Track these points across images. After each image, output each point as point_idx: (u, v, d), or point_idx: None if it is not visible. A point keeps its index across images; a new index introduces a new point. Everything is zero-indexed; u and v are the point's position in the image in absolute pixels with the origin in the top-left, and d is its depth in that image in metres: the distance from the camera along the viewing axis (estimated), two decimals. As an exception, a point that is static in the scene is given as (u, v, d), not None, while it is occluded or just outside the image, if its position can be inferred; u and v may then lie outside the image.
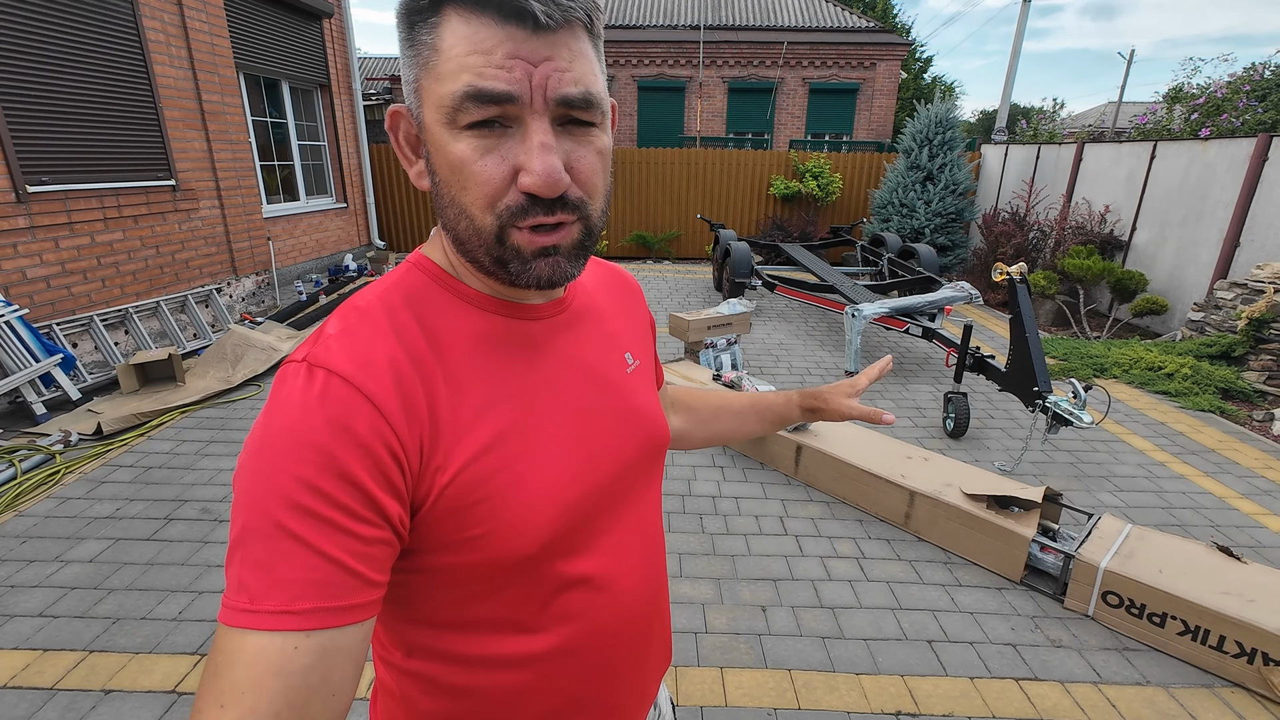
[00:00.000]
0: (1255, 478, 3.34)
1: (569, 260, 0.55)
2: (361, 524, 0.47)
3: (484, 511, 0.53)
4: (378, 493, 0.48)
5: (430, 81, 0.50)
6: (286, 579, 0.44)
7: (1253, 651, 1.95)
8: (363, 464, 0.47)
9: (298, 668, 0.43)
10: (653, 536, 0.72)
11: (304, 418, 0.47)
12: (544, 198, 0.50)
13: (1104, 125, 19.12)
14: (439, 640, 0.59)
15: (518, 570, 0.57)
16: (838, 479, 3.01)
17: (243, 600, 0.44)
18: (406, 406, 0.51)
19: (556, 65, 0.49)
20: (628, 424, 0.66)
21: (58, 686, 1.88)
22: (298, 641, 0.43)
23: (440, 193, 0.53)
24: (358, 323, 0.53)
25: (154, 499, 2.90)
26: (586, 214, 0.54)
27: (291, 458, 0.45)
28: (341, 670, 0.46)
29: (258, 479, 0.46)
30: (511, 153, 0.49)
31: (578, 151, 0.52)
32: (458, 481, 0.52)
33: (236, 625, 0.44)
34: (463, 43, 0.48)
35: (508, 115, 0.49)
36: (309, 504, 0.45)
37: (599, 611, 0.63)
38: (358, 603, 0.46)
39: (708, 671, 2.01)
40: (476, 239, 0.53)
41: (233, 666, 0.43)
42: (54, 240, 4.09)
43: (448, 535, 0.53)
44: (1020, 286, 3.45)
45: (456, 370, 0.55)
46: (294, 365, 0.50)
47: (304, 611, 0.44)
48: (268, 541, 0.44)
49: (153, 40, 4.78)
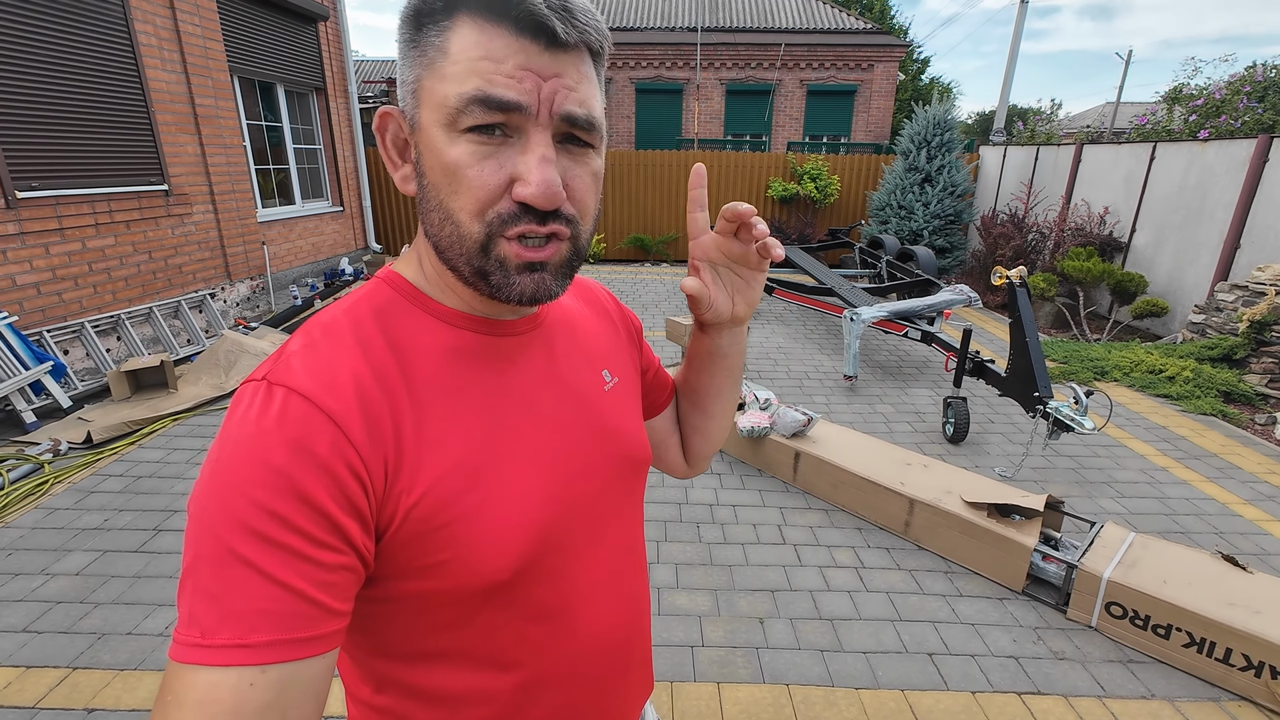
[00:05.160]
0: (1259, 483, 3.31)
1: (555, 278, 0.53)
2: (322, 550, 0.44)
3: (450, 535, 0.51)
4: (340, 516, 0.45)
5: (434, 82, 0.49)
6: (241, 610, 0.41)
7: (1260, 664, 1.91)
8: (324, 486, 0.44)
9: (253, 707, 0.40)
10: (632, 560, 0.69)
11: (260, 438, 0.44)
12: (539, 209, 0.49)
13: (1102, 126, 19.12)
14: (408, 674, 0.56)
15: (487, 597, 0.54)
16: (836, 486, 2.97)
17: (194, 634, 0.41)
18: (370, 425, 0.48)
19: (565, 83, 0.49)
20: (604, 442, 0.64)
21: (39, 705, 1.83)
22: (253, 678, 0.41)
23: (427, 196, 0.52)
24: (321, 338, 0.51)
25: (143, 509, 2.86)
26: (577, 233, 0.53)
27: (247, 480, 0.43)
28: (301, 708, 0.43)
29: (210, 503, 0.43)
30: (510, 161, 0.49)
31: (574, 170, 0.52)
32: (423, 503, 0.50)
33: (186, 661, 0.41)
34: (475, 48, 0.47)
35: (511, 124, 0.48)
36: (265, 529, 0.42)
37: (574, 640, 0.61)
38: (318, 634, 0.44)
39: (704, 687, 1.97)
40: (459, 247, 0.51)
41: (182, 707, 0.40)
42: (44, 246, 4.05)
43: (414, 560, 0.50)
44: (1020, 290, 3.42)
45: (424, 388, 0.53)
46: (252, 384, 0.48)
47: (260, 645, 0.41)
48: (221, 570, 0.42)
49: (145, 44, 4.74)
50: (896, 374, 4.91)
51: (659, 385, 0.82)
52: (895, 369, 5.04)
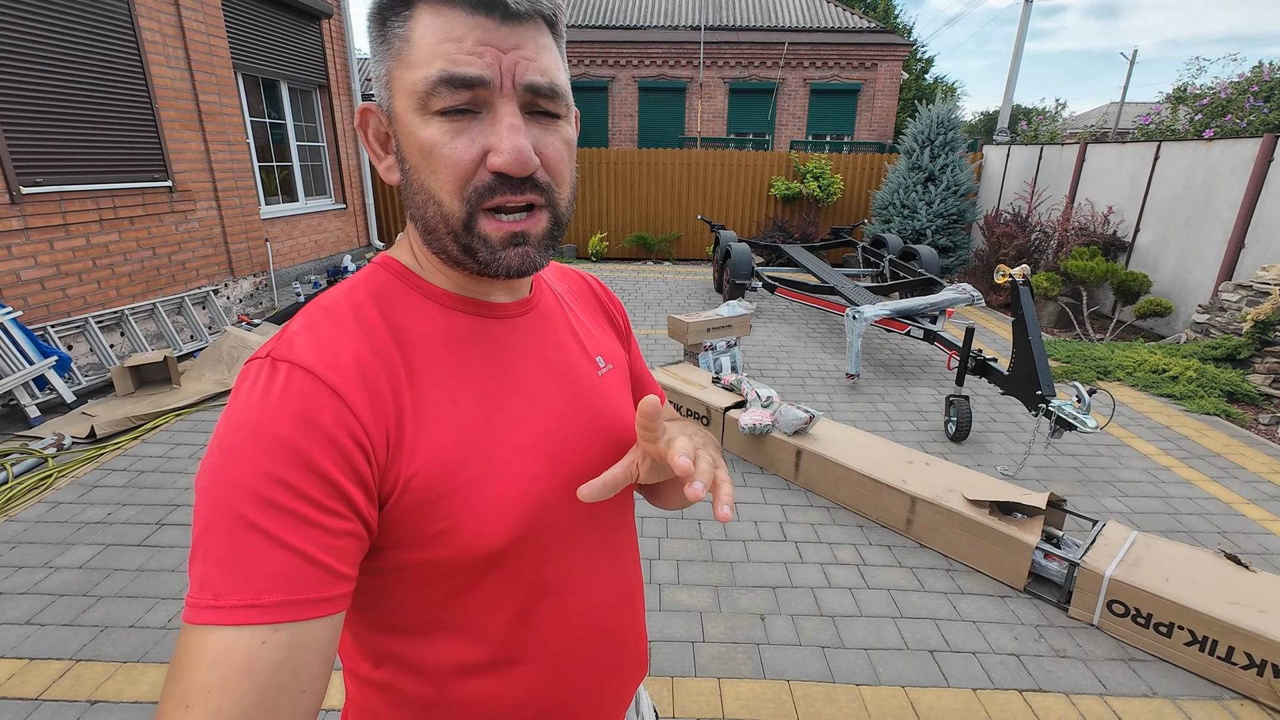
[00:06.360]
0: (1262, 483, 3.30)
1: (538, 250, 0.55)
2: (329, 515, 0.46)
3: (448, 506, 0.52)
4: (345, 484, 0.47)
5: (402, 70, 0.51)
6: (251, 574, 0.42)
7: (1263, 663, 1.91)
8: (329, 455, 0.46)
9: (266, 664, 0.42)
10: (623, 542, 0.70)
11: (265, 411, 0.46)
12: (513, 176, 0.51)
13: (1106, 126, 19.06)
14: (405, 648, 0.58)
15: (483, 570, 0.56)
16: (838, 484, 2.97)
17: (206, 597, 0.42)
18: (372, 399, 0.50)
19: (524, 54, 0.51)
20: (595, 425, 0.65)
21: (42, 697, 1.84)
22: (265, 636, 0.42)
23: (410, 180, 0.54)
24: (322, 319, 0.53)
25: (146, 504, 2.86)
26: (554, 201, 0.55)
27: (254, 452, 0.44)
28: (310, 666, 0.44)
29: (219, 475, 0.44)
30: (481, 135, 0.50)
31: (545, 138, 0.53)
32: (422, 475, 0.51)
33: (200, 622, 0.42)
34: (434, 32, 0.49)
35: (478, 100, 0.50)
36: (273, 496, 0.44)
37: (568, 618, 0.62)
38: (326, 596, 0.45)
39: (705, 682, 1.97)
40: (444, 225, 0.53)
41: (196, 666, 0.41)
42: (49, 242, 4.06)
43: (414, 530, 0.52)
44: (1023, 289, 3.41)
45: (422, 366, 0.55)
46: (257, 361, 0.50)
47: (270, 605, 0.42)
48: (231, 536, 0.43)
49: (149, 40, 4.75)
50: (899, 372, 4.90)
51: (637, 385, 0.81)
52: (897, 367, 5.03)
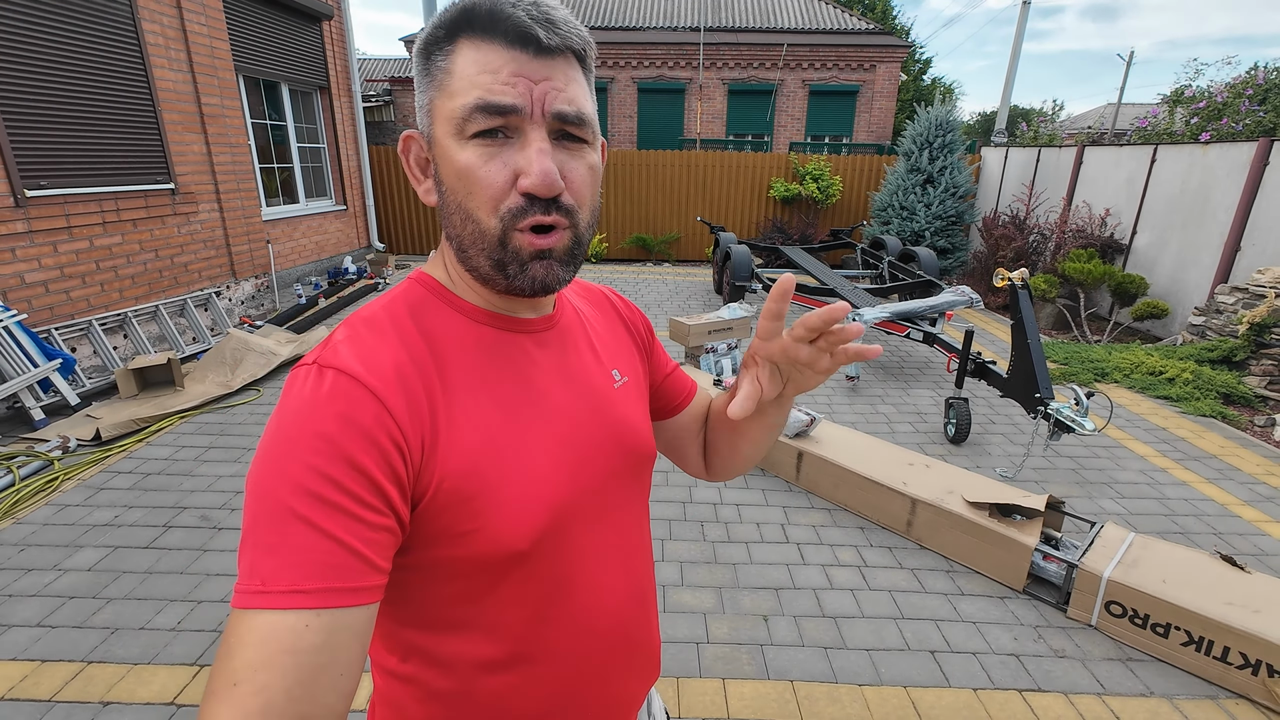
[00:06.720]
0: (1257, 484, 3.33)
1: (561, 266, 0.59)
2: (369, 510, 0.49)
3: (477, 507, 0.56)
4: (383, 481, 0.50)
5: (443, 100, 0.56)
6: (297, 561, 0.46)
7: (1257, 663, 1.94)
8: (369, 454, 0.50)
9: (308, 645, 0.45)
10: (638, 546, 0.74)
11: (313, 411, 0.50)
12: (541, 198, 0.55)
13: (1103, 127, 19.13)
14: (431, 643, 0.61)
15: (507, 569, 0.59)
16: (839, 486, 3.00)
17: (254, 583, 0.45)
18: (410, 405, 0.54)
19: (554, 85, 0.55)
20: (612, 434, 0.69)
21: (55, 699, 1.86)
22: (308, 620, 0.45)
23: (447, 201, 0.58)
24: (364, 330, 0.57)
25: (153, 506, 2.88)
26: (576, 222, 0.59)
27: (302, 448, 0.48)
28: (349, 650, 0.47)
29: (269, 470, 0.48)
30: (512, 159, 0.55)
31: (570, 163, 0.57)
32: (454, 477, 0.55)
33: (249, 606, 0.45)
34: (473, 64, 0.54)
35: (510, 126, 0.54)
36: (319, 490, 0.47)
37: (583, 618, 0.66)
38: (364, 585, 0.48)
39: (709, 683, 1.99)
40: (480, 242, 0.57)
41: (245, 646, 0.44)
42: (52, 244, 4.07)
43: (443, 529, 0.56)
44: (1021, 292, 3.44)
45: (454, 375, 0.59)
46: (304, 368, 0.54)
47: (314, 590, 0.46)
48: (279, 526, 0.46)
49: (152, 43, 4.77)
50: (898, 375, 4.94)
51: (676, 388, 0.86)
52: (897, 370, 5.06)
